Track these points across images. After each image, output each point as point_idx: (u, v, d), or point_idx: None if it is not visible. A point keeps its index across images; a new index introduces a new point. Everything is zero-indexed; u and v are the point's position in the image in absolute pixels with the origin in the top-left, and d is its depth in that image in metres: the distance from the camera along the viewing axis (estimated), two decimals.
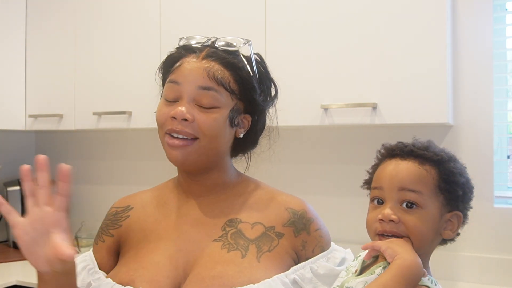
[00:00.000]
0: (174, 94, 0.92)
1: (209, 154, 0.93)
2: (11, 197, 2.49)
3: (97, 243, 1.02)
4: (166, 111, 0.91)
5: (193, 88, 0.90)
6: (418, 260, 0.76)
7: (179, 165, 0.94)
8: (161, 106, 0.94)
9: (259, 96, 0.98)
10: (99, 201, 2.65)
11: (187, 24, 2.00)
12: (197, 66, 0.92)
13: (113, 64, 2.20)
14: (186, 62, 0.93)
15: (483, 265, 1.80)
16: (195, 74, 0.91)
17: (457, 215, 0.85)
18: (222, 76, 0.92)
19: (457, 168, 0.86)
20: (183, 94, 0.91)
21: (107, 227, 1.02)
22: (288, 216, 0.94)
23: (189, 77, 0.91)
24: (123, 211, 1.02)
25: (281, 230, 0.93)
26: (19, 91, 2.44)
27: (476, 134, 1.83)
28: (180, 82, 0.91)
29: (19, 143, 2.81)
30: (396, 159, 0.86)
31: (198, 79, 0.91)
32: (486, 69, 1.82)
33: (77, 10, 2.31)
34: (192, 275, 0.86)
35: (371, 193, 0.87)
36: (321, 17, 1.77)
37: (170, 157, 0.92)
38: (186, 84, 0.91)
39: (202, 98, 0.90)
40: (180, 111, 0.89)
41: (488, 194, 1.81)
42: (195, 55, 0.94)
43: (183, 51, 0.95)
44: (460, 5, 1.84)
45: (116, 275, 0.91)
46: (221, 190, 0.98)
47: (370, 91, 1.69)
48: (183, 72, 0.92)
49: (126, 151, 2.59)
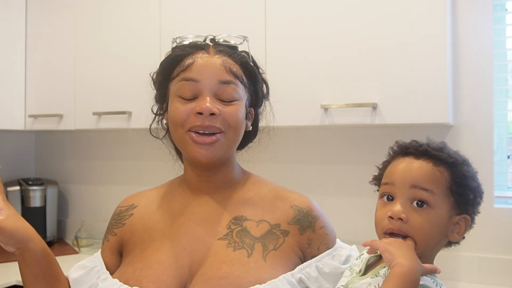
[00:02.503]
0: (191, 91, 0.90)
1: (232, 147, 0.94)
2: (11, 197, 2.49)
3: (103, 243, 1.03)
4: (188, 108, 0.90)
5: (213, 83, 0.90)
6: (416, 265, 0.75)
7: (206, 163, 0.91)
8: (177, 105, 0.91)
9: (260, 89, 1.00)
10: (99, 201, 2.65)
11: (187, 24, 2.00)
12: (213, 62, 0.91)
13: (113, 64, 2.20)
14: (199, 58, 0.92)
15: (483, 265, 1.80)
16: (213, 69, 0.91)
17: (466, 219, 0.86)
18: (236, 70, 0.93)
19: (470, 172, 0.86)
20: (203, 91, 0.90)
21: (111, 227, 1.03)
22: (293, 214, 0.94)
23: (207, 73, 0.90)
24: (127, 210, 1.03)
25: (286, 228, 0.93)
26: (19, 91, 2.44)
27: (476, 134, 1.83)
28: (198, 79, 0.90)
29: (19, 143, 2.81)
30: (410, 157, 0.86)
31: (218, 74, 0.90)
32: (486, 69, 1.81)
33: (77, 10, 2.31)
34: (199, 274, 0.86)
35: (381, 189, 0.87)
36: (321, 17, 1.77)
37: (198, 155, 0.90)
38: (205, 80, 0.90)
39: (223, 92, 0.90)
40: (207, 106, 0.88)
41: (488, 194, 1.80)
42: (205, 51, 0.93)
43: (189, 49, 0.94)
44: (460, 5, 1.84)
45: (122, 275, 0.91)
46: (227, 188, 0.98)
47: (370, 91, 1.69)
48: (200, 68, 0.91)
49: (126, 151, 2.59)
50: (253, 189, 0.99)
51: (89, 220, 2.63)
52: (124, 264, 0.95)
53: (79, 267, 0.99)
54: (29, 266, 0.93)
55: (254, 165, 1.08)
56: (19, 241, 0.90)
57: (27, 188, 2.51)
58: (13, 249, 0.91)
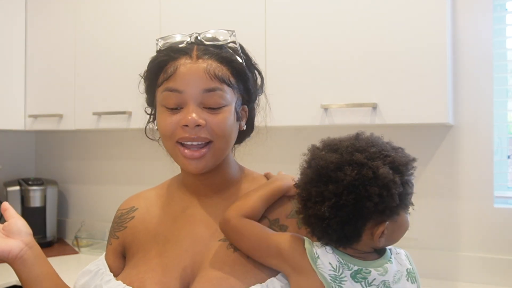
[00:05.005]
0: (176, 102, 0.87)
1: (223, 154, 0.92)
2: (11, 197, 2.49)
3: (107, 246, 1.04)
4: (174, 120, 0.87)
5: (198, 92, 0.86)
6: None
7: (198, 173, 0.91)
8: (164, 116, 0.89)
9: (251, 85, 0.96)
10: (99, 201, 2.65)
11: (187, 23, 2.00)
12: (196, 68, 0.87)
13: (113, 64, 2.20)
14: (182, 66, 0.87)
15: (483, 265, 1.80)
16: (196, 77, 0.86)
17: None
18: (222, 73, 0.88)
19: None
20: (187, 101, 0.87)
21: (113, 230, 1.03)
22: (291, 207, 0.93)
23: (191, 82, 0.86)
24: (128, 213, 1.03)
25: (284, 222, 0.92)
26: (19, 91, 2.44)
27: (476, 134, 1.83)
28: (181, 90, 0.86)
29: (19, 143, 2.81)
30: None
31: (201, 82, 0.86)
32: (486, 69, 1.82)
33: (77, 10, 2.32)
34: (200, 276, 0.87)
35: None
36: (321, 17, 1.77)
37: (188, 168, 0.89)
38: (189, 90, 0.86)
39: (209, 100, 0.87)
40: (192, 118, 0.85)
41: (488, 194, 1.81)
42: (188, 56, 0.89)
43: (172, 54, 0.90)
44: (460, 5, 1.84)
45: (126, 277, 0.91)
46: (226, 188, 0.97)
47: (370, 91, 1.69)
48: (182, 77, 0.87)
49: (126, 151, 2.59)
50: (251, 186, 0.98)
51: (89, 220, 2.63)
52: (127, 267, 0.96)
53: (84, 273, 0.99)
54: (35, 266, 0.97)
55: (254, 165, 1.08)
56: (28, 233, 0.97)
57: (27, 188, 2.51)
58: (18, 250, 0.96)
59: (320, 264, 0.77)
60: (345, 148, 0.81)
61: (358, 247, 0.80)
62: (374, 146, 0.81)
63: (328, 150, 0.83)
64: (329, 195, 0.76)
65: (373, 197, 0.74)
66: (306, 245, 0.80)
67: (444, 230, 1.86)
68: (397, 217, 0.78)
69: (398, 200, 0.76)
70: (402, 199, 0.77)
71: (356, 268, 0.77)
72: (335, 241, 0.79)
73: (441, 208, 1.88)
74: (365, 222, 0.77)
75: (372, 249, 0.81)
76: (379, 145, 0.82)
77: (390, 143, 0.84)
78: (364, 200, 0.74)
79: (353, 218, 0.76)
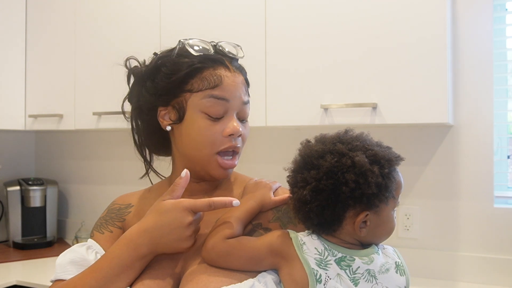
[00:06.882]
0: (222, 110, 0.91)
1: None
2: (11, 197, 2.49)
3: (102, 232, 1.01)
4: (218, 130, 0.91)
5: (239, 104, 0.93)
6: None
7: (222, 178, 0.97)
8: (206, 124, 0.91)
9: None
10: (99, 201, 2.65)
11: (187, 24, 2.00)
12: (237, 81, 0.93)
13: (113, 64, 2.20)
14: (226, 77, 0.92)
15: (483, 265, 1.80)
16: (239, 89, 0.93)
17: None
18: (247, 88, 0.97)
19: None
20: (229, 110, 0.91)
21: (112, 220, 1.03)
22: (272, 214, 0.94)
23: (236, 93, 0.92)
24: (126, 208, 1.05)
25: (268, 225, 0.93)
26: (19, 91, 2.44)
27: (476, 134, 1.83)
28: (229, 99, 0.91)
29: (19, 143, 2.81)
30: None
31: (242, 95, 0.93)
32: (486, 69, 1.82)
33: (77, 10, 2.32)
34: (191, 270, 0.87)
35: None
36: (321, 17, 1.77)
37: (221, 176, 0.94)
38: (234, 100, 0.92)
39: (244, 112, 0.94)
40: (238, 128, 0.91)
41: (488, 194, 1.81)
42: (226, 68, 0.93)
43: (210, 62, 0.92)
44: (460, 5, 1.84)
45: None
46: (215, 189, 1.00)
47: (370, 91, 1.69)
48: (228, 88, 0.91)
49: (126, 151, 2.59)
50: (239, 188, 1.00)
51: (89, 220, 2.62)
52: None
53: (70, 251, 0.99)
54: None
55: (254, 165, 1.08)
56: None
57: (27, 188, 2.51)
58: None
59: (306, 250, 0.80)
60: (330, 140, 0.86)
61: (341, 236, 0.82)
62: (359, 141, 0.84)
63: (317, 142, 0.88)
64: (310, 180, 0.81)
65: (349, 183, 0.78)
66: (292, 235, 0.83)
67: (444, 230, 1.86)
68: (377, 209, 0.80)
69: (376, 189, 0.78)
70: (381, 190, 0.79)
71: (340, 255, 0.80)
72: (316, 225, 0.82)
73: (441, 208, 1.88)
74: (344, 208, 0.80)
75: (357, 242, 0.83)
76: (364, 141, 0.85)
77: (379, 142, 0.86)
78: (341, 186, 0.78)
79: (331, 202, 0.79)
